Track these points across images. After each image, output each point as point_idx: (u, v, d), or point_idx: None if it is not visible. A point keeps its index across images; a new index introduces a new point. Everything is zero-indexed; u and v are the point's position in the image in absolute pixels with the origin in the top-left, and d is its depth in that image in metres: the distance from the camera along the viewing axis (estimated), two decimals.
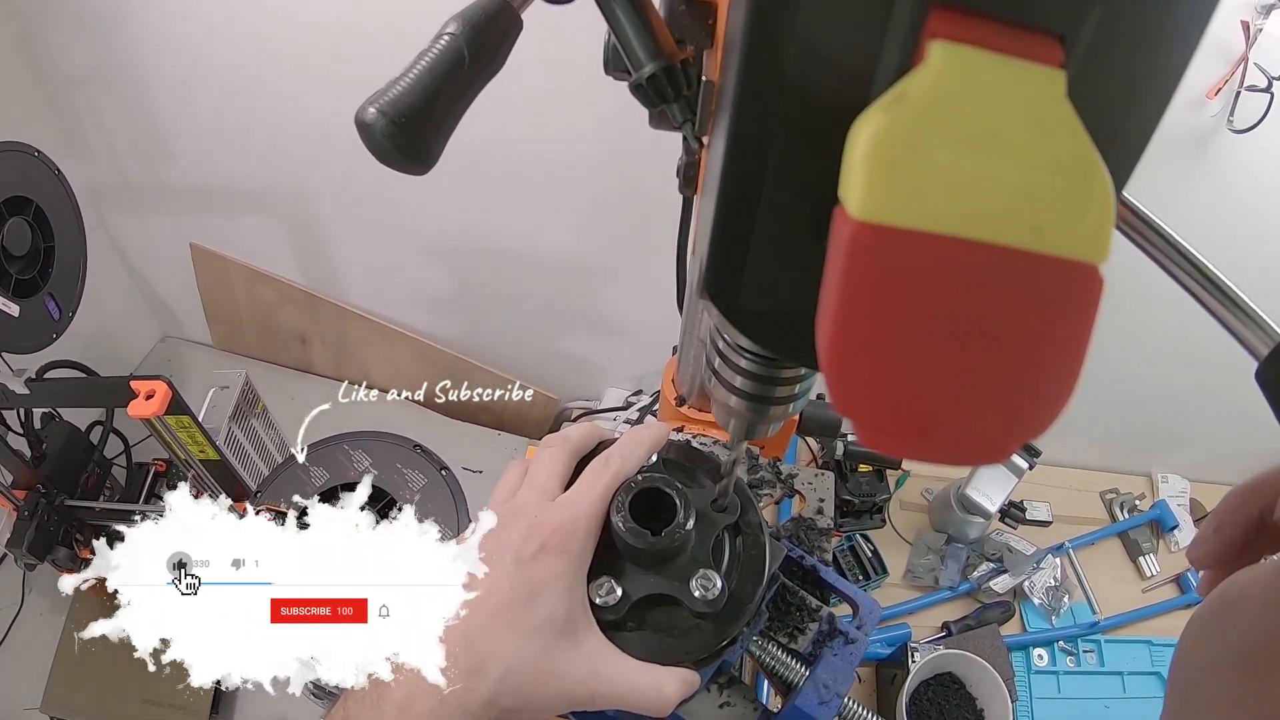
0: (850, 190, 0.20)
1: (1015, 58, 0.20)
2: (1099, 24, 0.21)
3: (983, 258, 0.20)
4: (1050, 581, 1.46)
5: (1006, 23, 0.20)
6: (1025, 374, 0.21)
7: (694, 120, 0.41)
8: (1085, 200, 0.20)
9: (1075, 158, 0.20)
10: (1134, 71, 0.23)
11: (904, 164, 0.19)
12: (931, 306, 0.20)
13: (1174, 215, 1.21)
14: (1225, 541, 0.38)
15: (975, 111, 0.20)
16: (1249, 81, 1.07)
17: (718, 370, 0.41)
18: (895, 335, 0.21)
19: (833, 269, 0.21)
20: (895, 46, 0.21)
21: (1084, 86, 0.21)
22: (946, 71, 0.20)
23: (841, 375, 0.21)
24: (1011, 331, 0.21)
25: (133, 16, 1.23)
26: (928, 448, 0.22)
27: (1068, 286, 0.21)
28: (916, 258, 0.20)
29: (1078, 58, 0.21)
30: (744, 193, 0.26)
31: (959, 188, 0.19)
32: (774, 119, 0.24)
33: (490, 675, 0.40)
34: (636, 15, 0.39)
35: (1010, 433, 0.22)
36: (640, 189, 1.07)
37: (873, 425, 0.22)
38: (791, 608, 0.58)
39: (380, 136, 0.35)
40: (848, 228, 0.20)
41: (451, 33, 0.37)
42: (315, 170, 1.39)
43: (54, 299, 1.08)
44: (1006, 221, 0.20)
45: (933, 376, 0.21)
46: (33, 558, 1.13)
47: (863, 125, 0.20)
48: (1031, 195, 0.20)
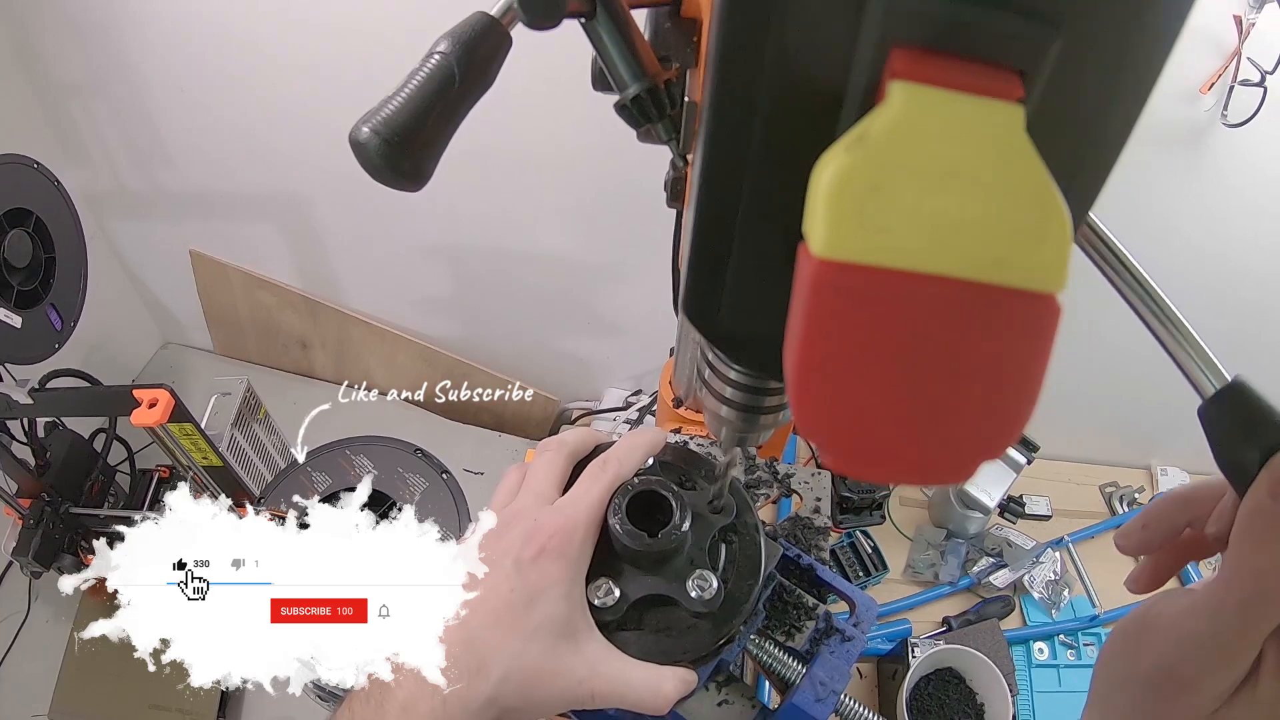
0: (813, 228, 0.21)
1: (975, 95, 0.20)
2: (1059, 59, 0.21)
3: (943, 291, 0.20)
4: (1050, 575, 1.47)
5: (966, 60, 0.21)
6: (985, 400, 0.22)
7: (678, 139, 0.41)
8: (1043, 232, 0.21)
9: (1033, 191, 0.21)
10: (1094, 103, 0.23)
11: (865, 202, 0.20)
12: (893, 339, 0.21)
13: (1170, 209, 1.21)
14: (1148, 541, 0.41)
15: (935, 149, 0.20)
16: (1242, 76, 1.07)
17: (708, 381, 0.42)
18: (857, 367, 0.21)
19: (797, 304, 0.22)
20: (859, 84, 0.22)
21: (1044, 120, 0.21)
22: (906, 110, 0.20)
23: (806, 407, 0.22)
24: (971, 360, 0.22)
25: (128, 25, 1.24)
26: (889, 471, 0.23)
27: (1026, 315, 0.21)
28: (878, 293, 0.20)
29: (1037, 92, 0.22)
30: (720, 218, 0.27)
31: (920, 224, 0.20)
32: (746, 148, 0.25)
33: (492, 676, 0.41)
34: (620, 36, 0.39)
35: (970, 455, 0.23)
36: (639, 189, 1.08)
37: (836, 451, 0.23)
38: (789, 606, 0.59)
39: (374, 155, 0.35)
40: (810, 265, 0.21)
41: (442, 51, 0.37)
42: (313, 175, 1.40)
43: (56, 309, 1.09)
44: (966, 255, 0.20)
45: (894, 405, 0.22)
46: (38, 565, 1.14)
47: (825, 165, 0.21)
48: (990, 229, 0.20)
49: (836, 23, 0.21)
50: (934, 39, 0.20)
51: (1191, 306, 1.10)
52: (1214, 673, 0.32)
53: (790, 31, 0.22)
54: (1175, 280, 1.23)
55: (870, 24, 0.21)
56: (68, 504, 1.18)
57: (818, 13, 0.22)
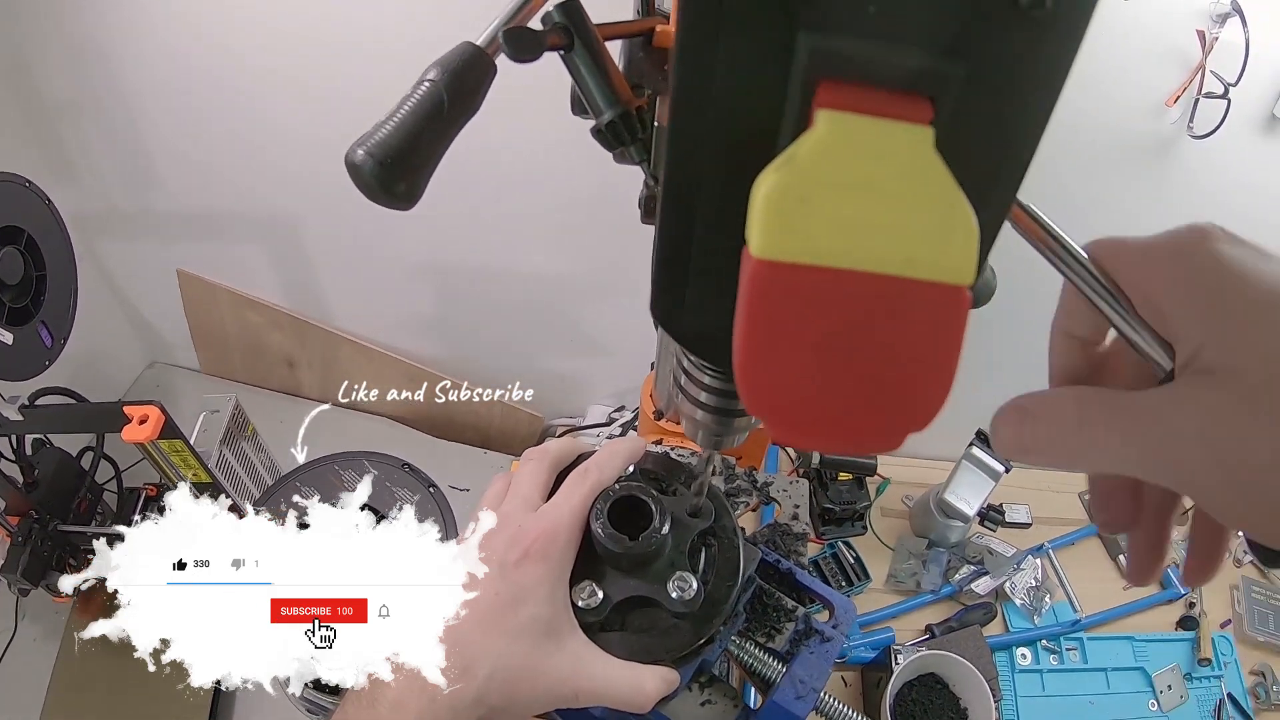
0: (752, 233, 0.24)
1: (890, 119, 0.24)
2: (964, 83, 0.25)
3: (865, 285, 0.24)
4: (1031, 582, 1.49)
5: (882, 90, 0.24)
6: (907, 379, 0.26)
7: (649, 160, 0.44)
8: (949, 233, 0.24)
9: (941, 198, 0.24)
10: (1001, 118, 0.27)
11: (795, 212, 0.23)
12: (824, 327, 0.24)
13: (1138, 220, 1.24)
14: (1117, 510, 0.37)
15: (855, 166, 0.24)
16: (1206, 89, 1.11)
17: (684, 388, 0.44)
18: (794, 351, 0.25)
19: (741, 299, 0.25)
20: (792, 114, 0.25)
21: (955, 136, 0.25)
22: (830, 135, 0.24)
23: (751, 386, 0.26)
24: (893, 345, 0.25)
25: (118, 44, 1.25)
26: (828, 441, 0.27)
27: (938, 305, 0.25)
28: (809, 287, 0.24)
29: (945, 114, 0.25)
30: (681, 228, 0.30)
31: (842, 229, 0.24)
32: (701, 170, 0.29)
33: (478, 675, 0.42)
34: (595, 67, 0.43)
35: (898, 427, 0.26)
36: (619, 207, 1.10)
37: (781, 424, 0.26)
38: (768, 609, 0.61)
39: (369, 177, 0.37)
40: (749, 264, 0.24)
41: (432, 79, 0.40)
42: (300, 195, 1.41)
43: (46, 327, 1.09)
44: (883, 254, 0.24)
45: (829, 384, 0.25)
46: (26, 583, 1.13)
47: (761, 182, 0.24)
48: (903, 232, 0.24)
49: (770, 65, 0.25)
50: (855, 73, 0.24)
51: None
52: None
53: (733, 74, 0.26)
54: None
55: (798, 64, 0.24)
56: (56, 521, 1.18)
57: (754, 58, 0.25)
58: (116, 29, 1.24)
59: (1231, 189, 1.25)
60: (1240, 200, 1.25)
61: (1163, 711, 1.39)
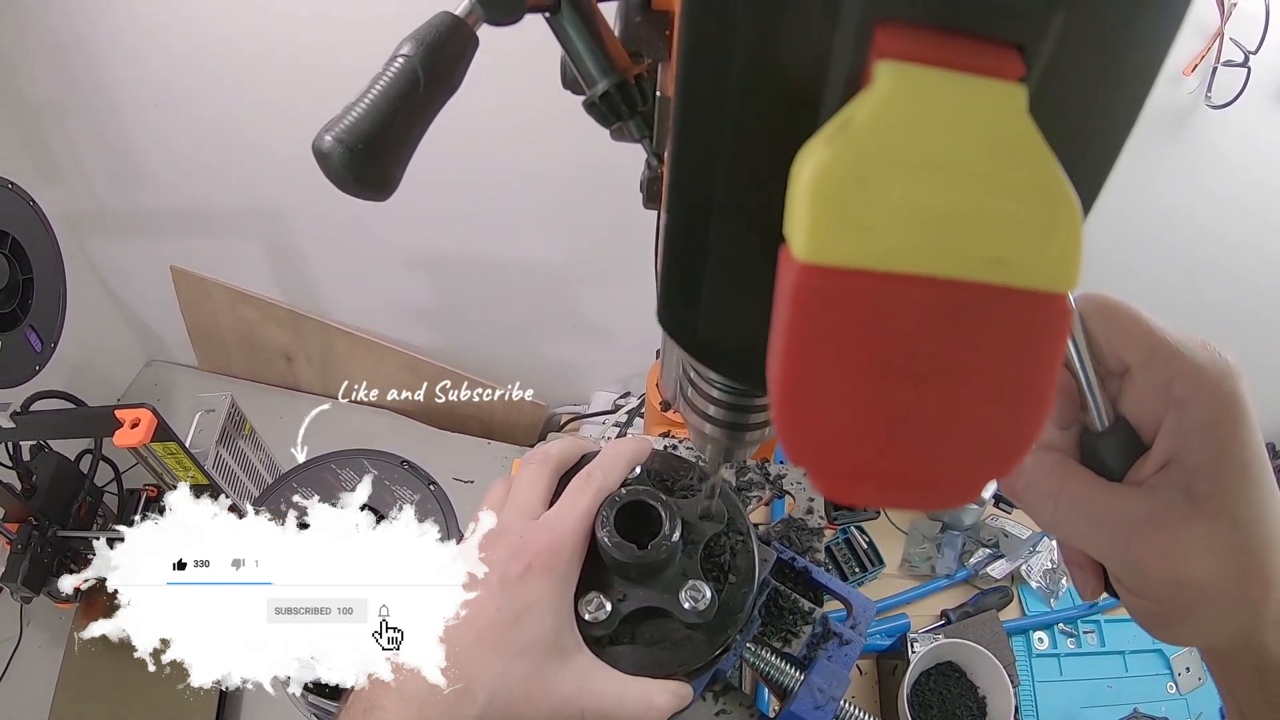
0: (795, 230, 0.19)
1: (970, 74, 0.19)
2: (1062, 30, 0.19)
3: (939, 295, 0.19)
4: (1047, 564, 1.46)
5: (960, 36, 0.19)
6: (990, 412, 0.20)
7: (651, 136, 0.40)
8: (1050, 226, 0.19)
9: (1038, 180, 0.19)
10: (1102, 79, 0.21)
11: (851, 199, 0.18)
12: (886, 349, 0.19)
13: (1157, 191, 1.21)
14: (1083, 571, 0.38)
15: (927, 136, 0.18)
16: (1225, 57, 1.07)
17: (690, 399, 0.41)
18: (849, 382, 0.19)
19: (779, 314, 0.20)
20: (841, 67, 0.20)
21: (1048, 100, 0.19)
22: (894, 94, 0.18)
23: (794, 427, 0.20)
24: (973, 369, 0.20)
25: (100, 42, 1.23)
26: (890, 495, 0.21)
27: (1033, 318, 0.19)
28: (868, 299, 0.19)
29: (1039, 69, 0.20)
30: (694, 220, 0.25)
31: (911, 222, 0.18)
32: (720, 143, 0.23)
33: (478, 697, 0.40)
34: (586, 30, 0.37)
35: (977, 474, 0.21)
36: (620, 190, 1.07)
37: (828, 474, 0.21)
38: (784, 611, 0.58)
39: (337, 164, 0.34)
40: (793, 270, 0.19)
41: (405, 54, 0.36)
42: (291, 187, 1.39)
43: (35, 331, 1.07)
44: (964, 255, 0.19)
45: (891, 422, 0.20)
46: (28, 590, 1.12)
47: (806, 158, 0.19)
48: (990, 224, 0.19)
49: (811, 1, 0.20)
50: (924, 13, 0.19)
51: (1178, 287, 1.09)
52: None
53: (761, 15, 0.20)
54: (1162, 261, 1.23)
55: (850, 1, 0.19)
56: (55, 527, 1.17)
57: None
58: (100, 29, 1.21)
59: (1251, 160, 1.21)
60: (1261, 172, 1.21)
61: (1181, 694, 1.37)
